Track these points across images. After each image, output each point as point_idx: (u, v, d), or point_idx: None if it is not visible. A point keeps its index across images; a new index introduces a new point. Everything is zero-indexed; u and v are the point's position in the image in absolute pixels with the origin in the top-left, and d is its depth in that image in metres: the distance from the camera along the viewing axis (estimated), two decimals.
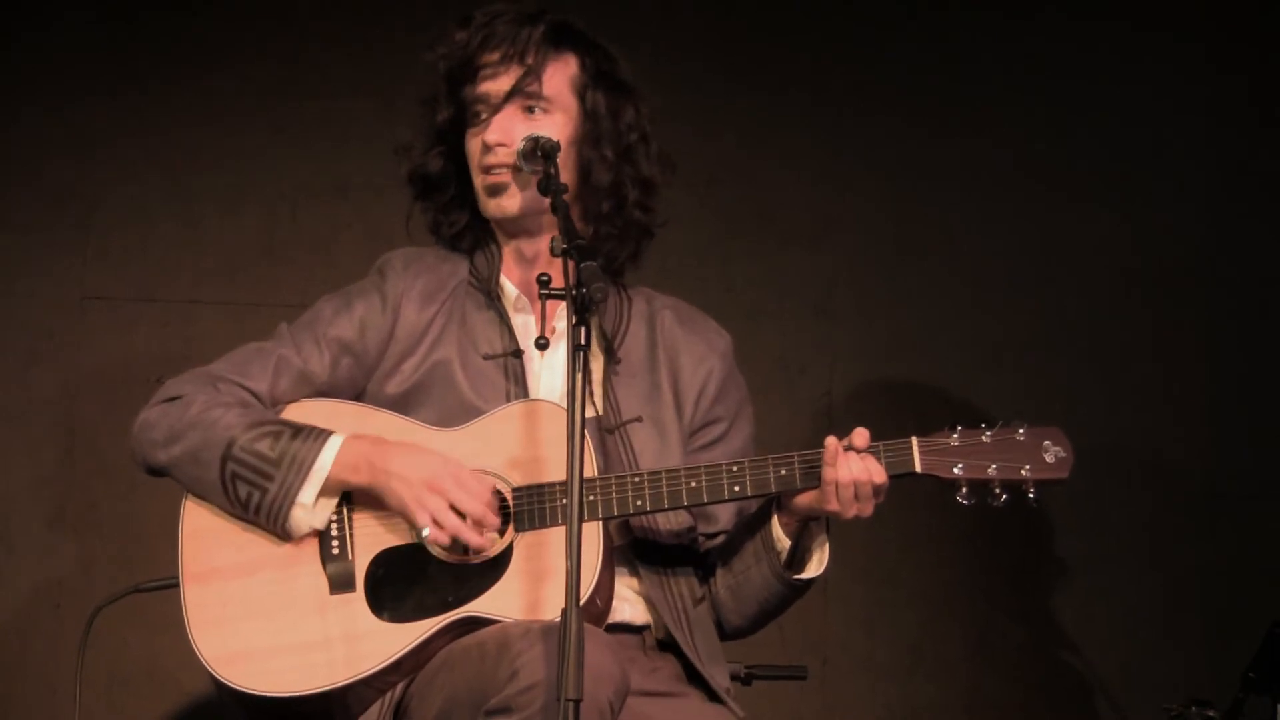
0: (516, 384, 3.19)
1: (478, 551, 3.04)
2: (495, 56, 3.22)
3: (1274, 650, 3.92)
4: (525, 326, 3.27)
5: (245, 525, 3.10)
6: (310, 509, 3.06)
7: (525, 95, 3.21)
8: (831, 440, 3.05)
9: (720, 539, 3.28)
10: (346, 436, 3.08)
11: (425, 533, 3.01)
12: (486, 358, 3.22)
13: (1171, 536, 4.68)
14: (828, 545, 3.19)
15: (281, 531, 3.08)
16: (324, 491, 3.06)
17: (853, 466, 3.03)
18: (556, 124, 3.22)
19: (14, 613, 4.36)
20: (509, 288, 3.30)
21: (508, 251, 3.33)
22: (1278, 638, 3.92)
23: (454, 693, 2.87)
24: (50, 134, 4.48)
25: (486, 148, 3.21)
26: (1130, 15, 4.77)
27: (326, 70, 4.57)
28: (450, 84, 3.26)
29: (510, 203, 3.22)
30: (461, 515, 3.01)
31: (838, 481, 3.03)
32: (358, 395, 3.23)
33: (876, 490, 3.05)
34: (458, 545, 3.05)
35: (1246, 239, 4.77)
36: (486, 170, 3.23)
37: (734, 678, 3.41)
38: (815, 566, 3.19)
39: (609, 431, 3.20)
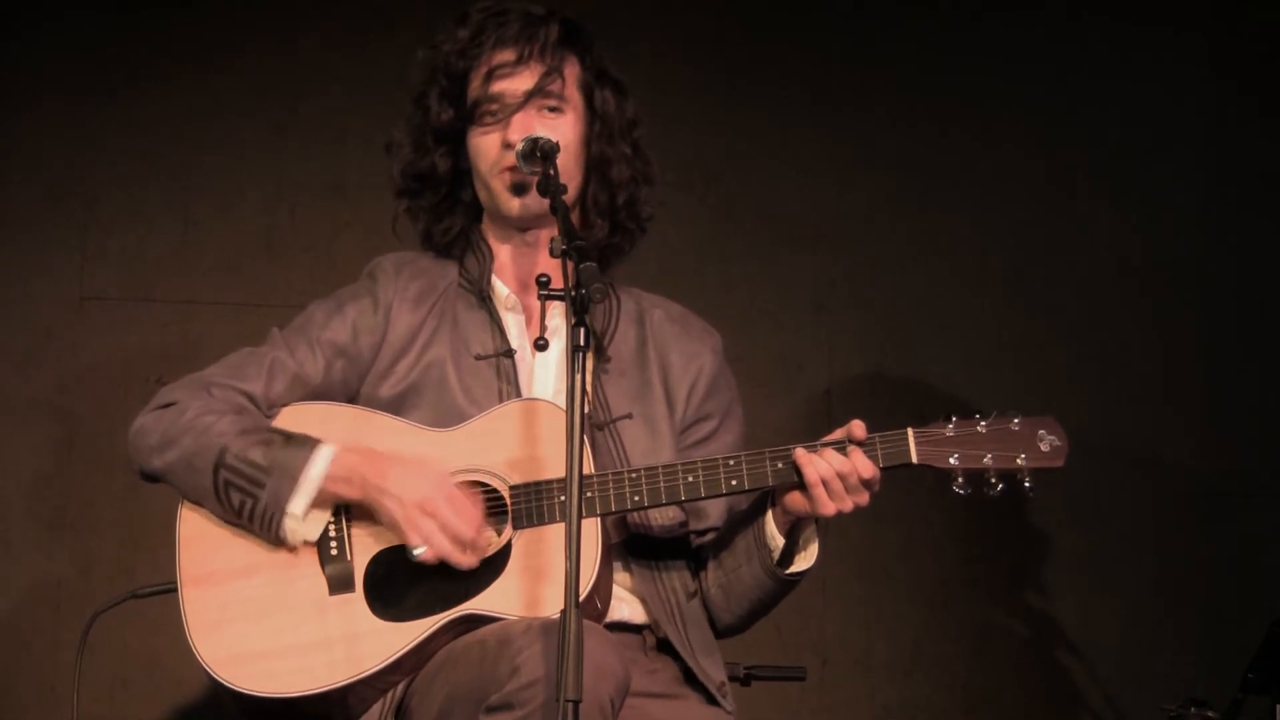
0: (509, 383, 3.19)
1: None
2: (511, 56, 3.22)
3: (1274, 651, 3.91)
4: (517, 326, 3.27)
5: (242, 529, 3.09)
6: (301, 519, 3.05)
7: (546, 95, 3.22)
8: (799, 450, 3.05)
9: (710, 536, 3.28)
10: (338, 447, 3.07)
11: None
12: (478, 358, 3.22)
13: (1171, 535, 4.68)
14: (818, 538, 3.19)
15: (275, 540, 3.07)
16: (316, 503, 3.05)
17: (819, 465, 3.04)
18: (569, 123, 3.24)
19: (13, 613, 4.36)
20: (500, 288, 3.30)
21: (503, 252, 3.32)
22: (1277, 638, 3.91)
23: (455, 690, 2.87)
24: (49, 133, 4.48)
25: (509, 146, 3.20)
26: (1131, 15, 4.78)
27: (326, 70, 4.57)
28: (456, 83, 3.25)
29: (533, 201, 3.20)
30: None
31: (809, 483, 3.04)
32: (351, 398, 3.23)
33: (867, 483, 3.05)
34: None
35: (1246, 238, 4.77)
36: (507, 170, 3.22)
37: (733, 678, 3.41)
38: (806, 559, 3.19)
39: (599, 428, 3.19)
